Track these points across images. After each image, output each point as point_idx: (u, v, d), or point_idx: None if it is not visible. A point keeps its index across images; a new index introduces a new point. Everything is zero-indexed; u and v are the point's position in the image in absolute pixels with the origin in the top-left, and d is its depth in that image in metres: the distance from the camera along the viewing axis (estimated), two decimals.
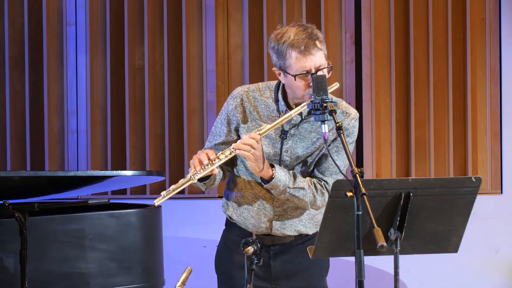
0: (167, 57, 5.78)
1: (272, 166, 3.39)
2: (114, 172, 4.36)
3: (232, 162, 3.58)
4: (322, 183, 3.46)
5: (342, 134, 3.03)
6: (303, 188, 3.41)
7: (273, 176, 3.37)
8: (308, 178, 3.46)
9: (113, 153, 5.79)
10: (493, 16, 5.75)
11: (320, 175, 3.47)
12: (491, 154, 5.74)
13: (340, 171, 3.23)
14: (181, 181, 3.31)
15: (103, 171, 5.06)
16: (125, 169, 5.71)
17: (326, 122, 3.14)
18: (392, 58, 5.73)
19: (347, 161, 3.11)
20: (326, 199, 3.44)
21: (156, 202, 3.30)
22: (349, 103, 5.63)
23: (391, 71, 5.74)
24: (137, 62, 5.81)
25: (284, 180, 3.38)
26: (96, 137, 5.82)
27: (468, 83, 5.73)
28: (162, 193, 3.29)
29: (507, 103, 5.74)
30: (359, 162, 5.68)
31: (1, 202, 3.89)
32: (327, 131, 3.15)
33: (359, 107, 5.72)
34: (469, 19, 5.72)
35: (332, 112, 3.12)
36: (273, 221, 3.49)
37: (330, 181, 3.46)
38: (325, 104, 3.14)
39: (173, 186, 3.29)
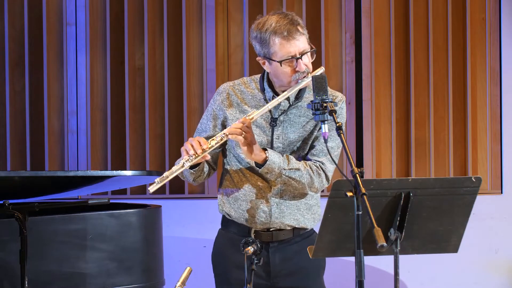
0: (167, 57, 5.78)
1: (264, 150, 3.40)
2: (114, 172, 4.36)
3: (217, 159, 3.59)
4: (318, 164, 3.48)
5: (342, 135, 3.04)
6: (298, 169, 3.43)
7: (267, 158, 3.38)
8: (302, 161, 3.48)
9: (113, 153, 5.79)
10: (493, 16, 5.75)
11: (314, 157, 3.49)
12: (491, 154, 5.74)
13: (329, 154, 3.21)
14: (174, 167, 3.32)
15: (103, 171, 5.05)
16: (125, 169, 5.71)
17: (326, 122, 3.16)
18: (392, 58, 5.73)
19: (340, 142, 3.14)
20: (324, 180, 3.48)
21: (151, 189, 3.31)
22: (349, 103, 5.67)
23: (391, 71, 5.74)
24: (137, 62, 5.81)
25: (278, 162, 3.40)
26: (96, 137, 5.82)
27: (468, 83, 5.73)
28: (156, 180, 3.30)
29: (507, 103, 5.74)
30: (359, 162, 5.68)
31: (1, 202, 3.89)
32: (327, 131, 3.16)
33: (359, 107, 5.72)
34: (469, 19, 5.73)
35: (332, 112, 3.13)
36: (272, 210, 3.49)
37: (325, 161, 3.48)
38: (325, 104, 3.15)
39: (166, 173, 3.31)
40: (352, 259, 2.85)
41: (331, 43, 5.73)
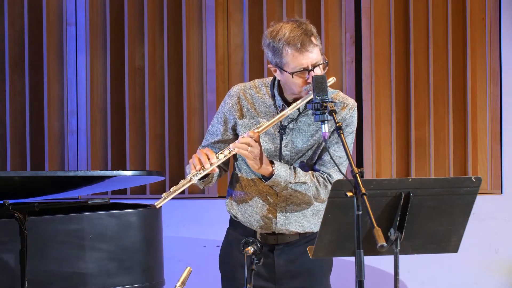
0: (167, 57, 5.77)
1: (272, 162, 3.40)
2: (114, 172, 4.36)
3: (228, 161, 3.59)
4: (325, 176, 3.47)
5: (342, 135, 3.04)
6: (304, 183, 3.42)
7: (273, 172, 3.37)
8: (310, 172, 3.47)
9: (113, 153, 5.79)
10: (493, 16, 5.75)
11: (322, 168, 3.48)
12: (491, 154, 5.74)
13: (336, 165, 3.22)
14: (182, 182, 3.32)
15: (103, 171, 5.05)
16: (125, 169, 5.71)
17: (326, 122, 3.15)
18: (392, 58, 5.73)
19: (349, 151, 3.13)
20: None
21: (158, 204, 3.31)
22: None
23: (391, 71, 5.74)
24: (137, 62, 5.81)
25: (285, 175, 3.39)
26: (96, 137, 5.82)
27: (468, 83, 5.73)
28: (163, 195, 3.30)
29: (507, 103, 5.74)
30: (359, 162, 5.68)
31: (1, 202, 3.89)
32: (327, 131, 3.16)
33: (359, 107, 5.69)
34: (469, 19, 5.72)
35: (332, 112, 3.13)
36: (278, 217, 3.50)
37: (333, 172, 3.47)
38: (325, 104, 3.15)
39: (173, 188, 3.30)
40: (352, 259, 2.85)
41: (331, 43, 5.73)
